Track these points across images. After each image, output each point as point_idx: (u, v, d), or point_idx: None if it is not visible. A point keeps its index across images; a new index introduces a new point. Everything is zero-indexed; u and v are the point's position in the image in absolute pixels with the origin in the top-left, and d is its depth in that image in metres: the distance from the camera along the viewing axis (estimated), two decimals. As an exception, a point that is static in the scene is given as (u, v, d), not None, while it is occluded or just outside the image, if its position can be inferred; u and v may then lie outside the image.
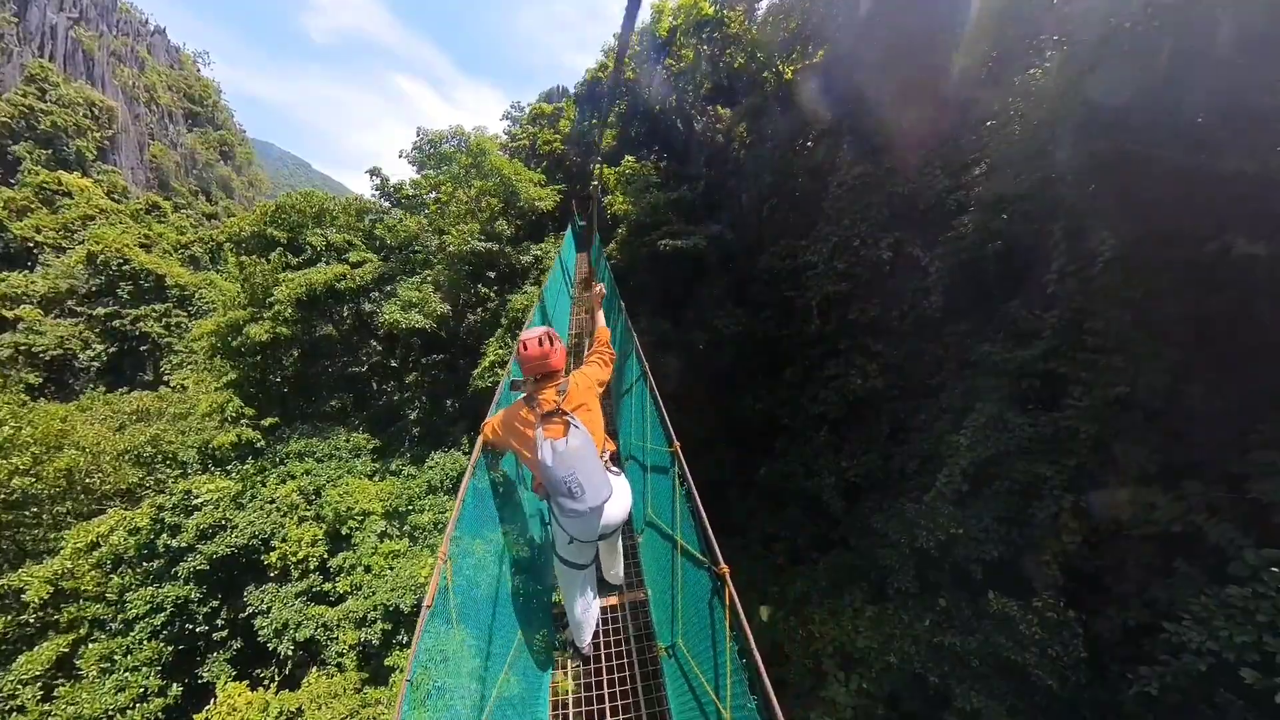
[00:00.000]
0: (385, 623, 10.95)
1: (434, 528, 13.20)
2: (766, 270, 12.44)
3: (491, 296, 17.59)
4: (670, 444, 2.83)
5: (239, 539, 11.62)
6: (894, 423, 9.99)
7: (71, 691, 10.01)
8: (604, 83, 26.58)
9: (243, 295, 16.40)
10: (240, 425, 14.55)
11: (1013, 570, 7.29)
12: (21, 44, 44.46)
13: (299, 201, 18.48)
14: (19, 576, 10.70)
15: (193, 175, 55.37)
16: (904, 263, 8.98)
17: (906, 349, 9.47)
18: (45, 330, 26.65)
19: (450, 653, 1.96)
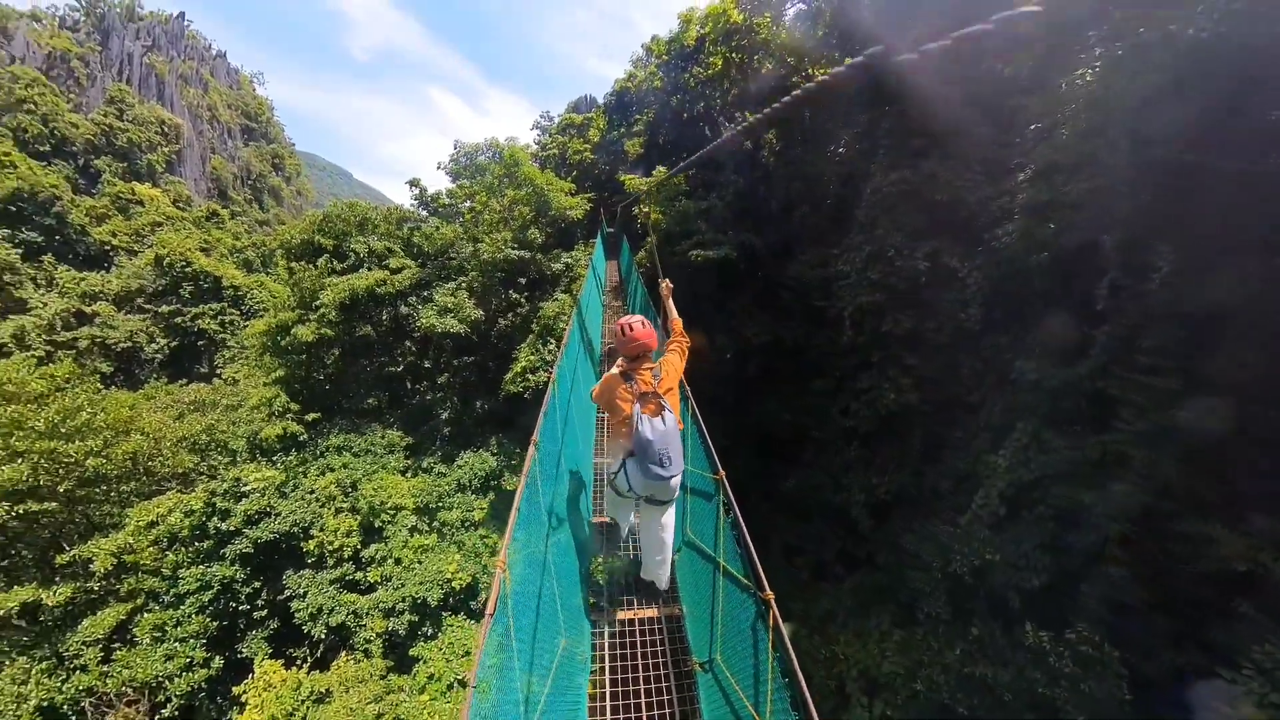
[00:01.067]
0: (412, 614, 11.53)
1: (461, 525, 13.78)
2: (796, 279, 12.42)
3: (522, 302, 18.24)
4: (715, 471, 2.93)
5: (281, 526, 12.55)
6: (928, 439, 9.76)
7: (127, 656, 11.13)
8: (632, 92, 27.19)
9: (292, 298, 17.75)
10: (286, 419, 15.68)
11: (1055, 601, 6.98)
12: (103, 70, 50.69)
13: (344, 211, 19.86)
14: (88, 548, 11.95)
15: (248, 185, 61.11)
16: (941, 273, 8.81)
17: (942, 363, 9.27)
18: (117, 325, 29.96)
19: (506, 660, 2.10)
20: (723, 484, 2.84)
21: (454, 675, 10.40)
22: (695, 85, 18.96)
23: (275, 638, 12.34)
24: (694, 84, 19.00)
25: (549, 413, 3.56)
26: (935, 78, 8.82)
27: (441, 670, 10.48)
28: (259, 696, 10.43)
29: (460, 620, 11.72)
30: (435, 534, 13.44)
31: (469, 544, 12.99)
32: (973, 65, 8.63)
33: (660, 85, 22.51)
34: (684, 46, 20.49)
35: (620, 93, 28.40)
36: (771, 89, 15.10)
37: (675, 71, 21.14)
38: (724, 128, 17.52)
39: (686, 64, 20.15)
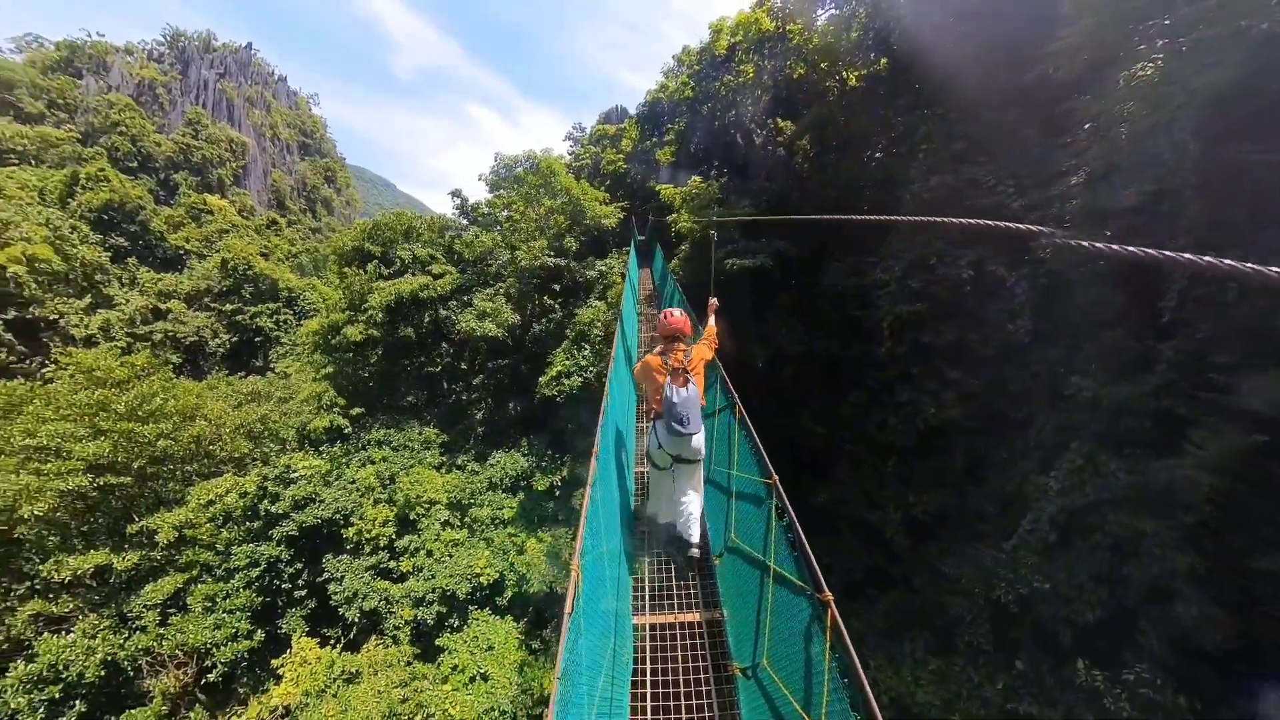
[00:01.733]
0: (440, 605, 12.01)
1: (491, 522, 14.24)
2: (832, 287, 12.26)
3: (556, 308, 18.82)
4: (768, 476, 2.99)
5: (324, 512, 13.41)
6: (971, 458, 9.36)
7: (181, 622, 12.20)
8: (664, 102, 27.73)
9: (343, 300, 19.04)
10: (333, 412, 16.79)
11: (1111, 638, 6.51)
12: (183, 95, 58.23)
13: (391, 220, 21.29)
14: (155, 520, 13.22)
15: (303, 196, 67.46)
16: (987, 282, 8.49)
17: (988, 377, 8.90)
18: (187, 321, 33.66)
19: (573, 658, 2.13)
20: (776, 488, 2.88)
21: (476, 669, 10.72)
22: (726, 93, 19.18)
23: (312, 617, 13.15)
24: (725, 92, 19.23)
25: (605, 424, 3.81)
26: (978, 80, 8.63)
27: (465, 663, 10.82)
28: (294, 671, 11.13)
29: (485, 615, 12.09)
30: (466, 529, 13.95)
31: (497, 541, 13.40)
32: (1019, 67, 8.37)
33: (692, 94, 22.92)
34: (715, 56, 20.87)
35: (652, 103, 29.14)
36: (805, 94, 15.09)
37: (706, 80, 21.49)
38: (756, 135, 17.56)
39: (718, 73, 20.47)
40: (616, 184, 27.79)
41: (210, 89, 59.64)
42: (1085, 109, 7.36)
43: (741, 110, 18.49)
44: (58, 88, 48.81)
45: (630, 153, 28.70)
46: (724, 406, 4.75)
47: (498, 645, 11.18)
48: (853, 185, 12.92)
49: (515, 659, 11.02)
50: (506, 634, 11.53)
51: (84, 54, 53.78)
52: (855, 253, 11.88)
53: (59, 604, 11.82)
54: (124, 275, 36.00)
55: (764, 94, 17.31)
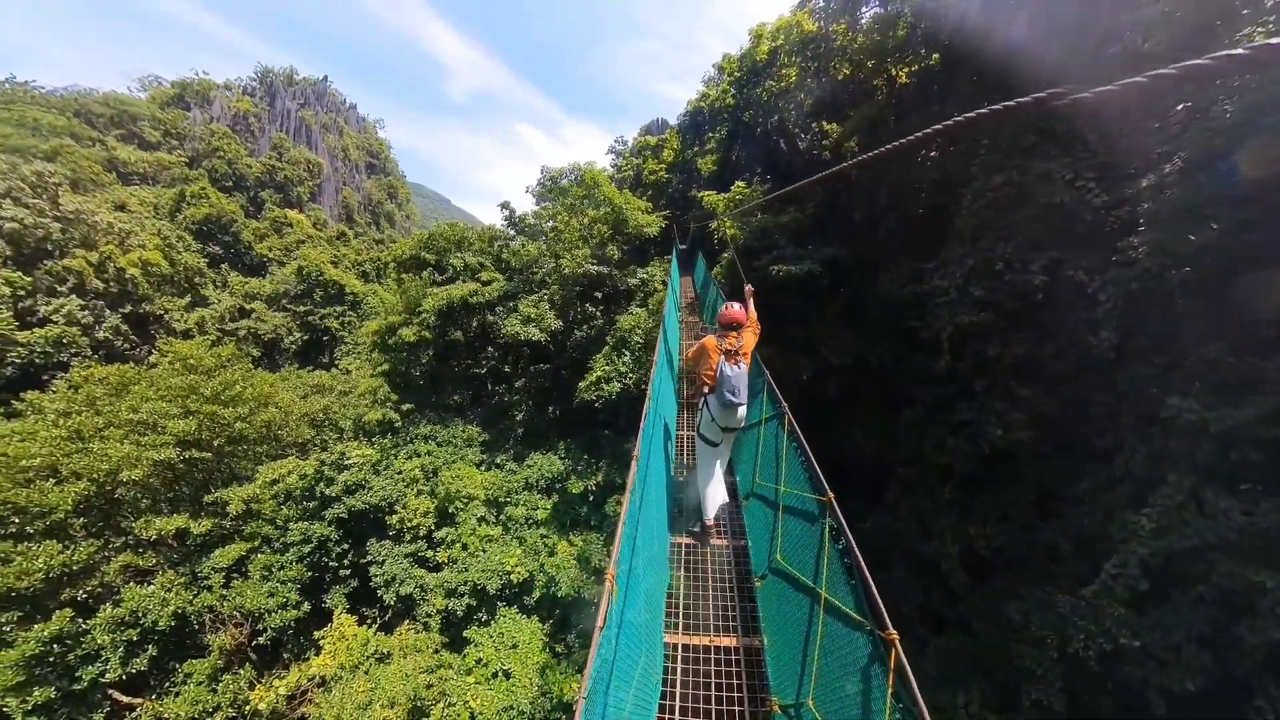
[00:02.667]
0: (471, 599, 12.40)
1: (525, 522, 14.59)
2: (884, 296, 11.67)
3: (598, 315, 19.24)
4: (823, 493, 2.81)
5: (372, 499, 14.32)
6: (1044, 488, 8.50)
7: (241, 586, 13.38)
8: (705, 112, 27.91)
9: (400, 304, 20.53)
10: (386, 407, 17.99)
11: (1216, 711, 5.61)
12: (270, 123, 67.00)
13: (446, 231, 22.89)
14: (227, 493, 14.70)
15: (368, 210, 74.94)
16: (1063, 289, 7.73)
17: (1065, 397, 8.09)
18: (266, 320, 38.01)
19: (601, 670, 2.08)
20: (831, 507, 2.69)
21: (500, 665, 10.95)
22: (768, 99, 19.06)
23: (353, 595, 14.05)
24: (767, 98, 19.11)
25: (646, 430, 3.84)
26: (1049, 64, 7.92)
27: (490, 657, 11.07)
28: (333, 644, 11.90)
29: (513, 613, 12.33)
30: (500, 527, 14.35)
31: (530, 541, 13.68)
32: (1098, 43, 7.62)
33: (733, 102, 22.91)
34: (756, 62, 20.87)
35: (693, 113, 29.49)
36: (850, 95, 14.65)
37: (748, 87, 21.48)
38: (800, 139, 17.23)
39: (759, 79, 20.42)
40: (658, 194, 28.24)
41: (292, 117, 68.58)
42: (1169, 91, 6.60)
43: (785, 115, 18.24)
44: (171, 119, 57.55)
45: (672, 163, 29.13)
46: (771, 415, 4.56)
47: (522, 644, 11.34)
48: (906, 186, 12.25)
49: (538, 660, 11.12)
50: (532, 634, 11.68)
51: (192, 90, 63.42)
52: (911, 258, 11.24)
53: (144, 558, 13.37)
54: (217, 279, 41.37)
55: (807, 97, 17.02)
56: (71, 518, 12.66)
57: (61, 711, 11.10)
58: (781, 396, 4.57)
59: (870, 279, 12.31)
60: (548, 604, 12.38)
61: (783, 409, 4.17)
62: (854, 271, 12.74)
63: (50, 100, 50.28)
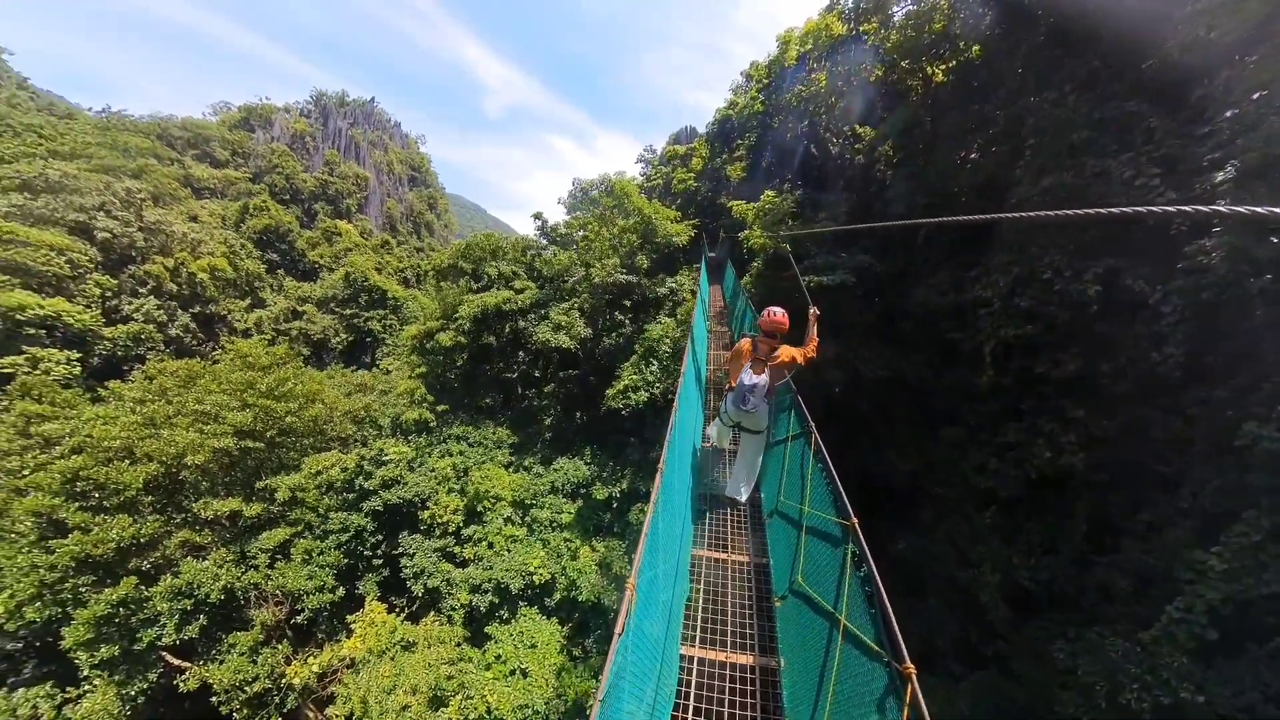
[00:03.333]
0: (494, 596, 12.73)
1: (549, 525, 14.86)
2: (922, 306, 11.20)
3: (626, 324, 19.46)
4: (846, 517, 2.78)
5: (406, 494, 15.00)
6: (1098, 518, 7.91)
7: (284, 568, 14.24)
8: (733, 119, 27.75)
9: (437, 310, 21.42)
10: (422, 407, 18.82)
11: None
12: (323, 142, 72.86)
13: (482, 241, 23.90)
14: (276, 480, 15.72)
15: (410, 221, 79.65)
16: (1122, 300, 7.17)
17: (1123, 419, 7.51)
18: (316, 321, 40.97)
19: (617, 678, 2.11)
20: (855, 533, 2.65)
21: (518, 663, 11.15)
22: (798, 104, 18.85)
23: (384, 584, 14.90)
24: (797, 103, 18.90)
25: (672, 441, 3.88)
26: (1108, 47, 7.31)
27: (509, 655, 11.30)
28: (363, 629, 12.72)
29: (533, 613, 12.54)
30: (525, 528, 14.64)
31: (553, 543, 13.88)
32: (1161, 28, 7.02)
33: (762, 108, 22.74)
34: (784, 67, 20.75)
35: (721, 121, 29.53)
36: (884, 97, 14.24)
37: (776, 93, 21.34)
38: (831, 144, 16.85)
39: (788, 84, 20.29)
40: (687, 202, 28.34)
41: (343, 136, 74.25)
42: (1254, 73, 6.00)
43: (815, 120, 17.95)
44: (238, 140, 63.54)
45: (700, 171, 29.20)
46: (797, 434, 4.49)
47: (541, 645, 11.49)
48: (945, 191, 11.67)
49: (555, 661, 11.22)
50: (550, 635, 11.82)
51: (257, 114, 70.02)
52: (951, 266, 10.74)
53: (201, 536, 14.44)
54: (274, 283, 44.77)
55: (839, 101, 16.68)
56: (141, 495, 13.89)
57: (122, 668, 12.15)
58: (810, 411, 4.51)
59: (907, 288, 11.85)
60: (567, 607, 12.49)
61: (809, 427, 4.09)
62: (889, 280, 12.30)
63: (138, 125, 57.56)
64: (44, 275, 26.81)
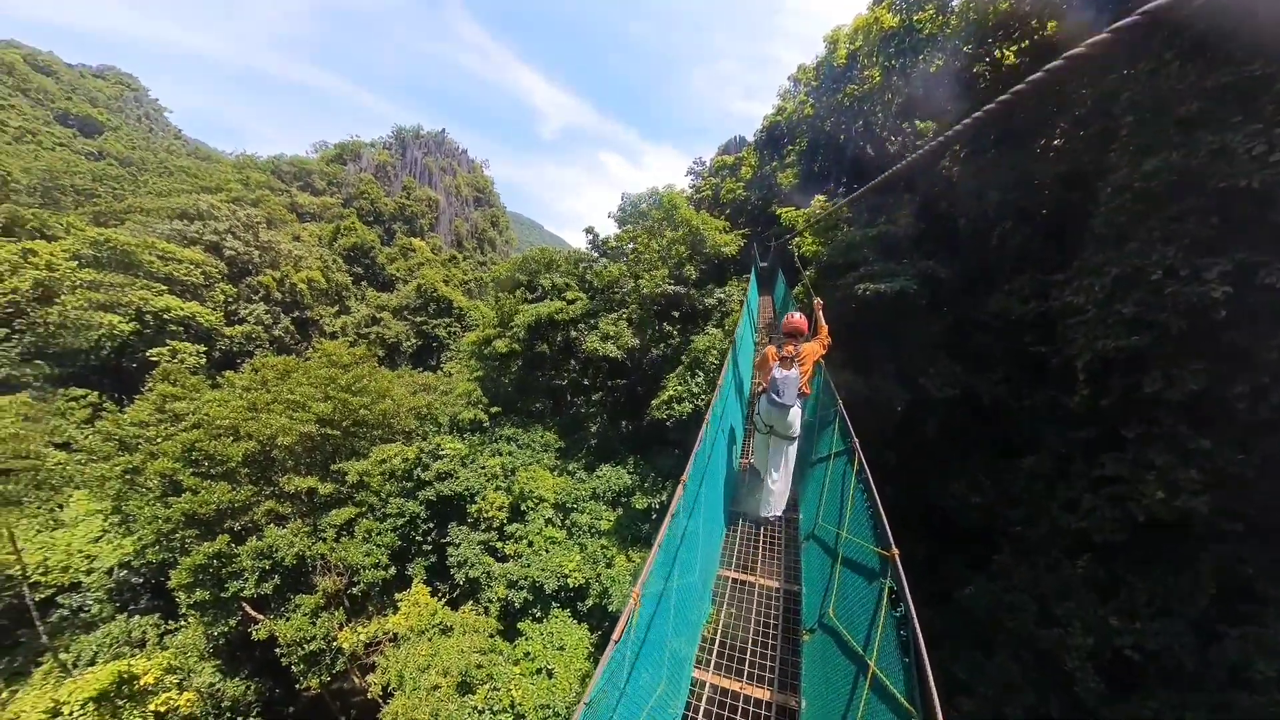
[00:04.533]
0: (528, 594, 12.94)
1: (588, 530, 14.94)
2: (999, 315, 9.98)
3: (674, 334, 19.35)
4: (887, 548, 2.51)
5: (457, 487, 15.88)
6: (1227, 577, 6.50)
7: (347, 543, 15.75)
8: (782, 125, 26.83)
9: (495, 319, 22.60)
10: (477, 408, 19.89)
11: None
12: (401, 170, 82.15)
13: (537, 255, 25.18)
14: (347, 465, 17.39)
15: (474, 238, 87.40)
16: (1257, 303, 5.88)
17: (1265, 452, 6.15)
18: (391, 327, 45.53)
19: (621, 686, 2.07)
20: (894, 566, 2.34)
21: (545, 663, 11.16)
22: (850, 104, 17.93)
23: (431, 569, 15.81)
24: (849, 103, 17.99)
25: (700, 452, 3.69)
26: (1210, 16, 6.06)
27: (538, 652, 11.40)
28: (408, 608, 13.57)
29: (564, 615, 12.57)
30: (565, 531, 14.77)
31: (590, 549, 13.85)
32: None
33: (812, 112, 21.85)
34: (834, 67, 19.90)
35: (770, 127, 28.81)
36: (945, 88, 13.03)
37: (827, 94, 20.42)
38: (889, 143, 15.69)
39: (838, 85, 19.38)
40: (737, 212, 27.84)
41: (418, 164, 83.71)
42: None
43: (870, 119, 16.86)
44: (332, 172, 75.05)
45: (750, 180, 28.57)
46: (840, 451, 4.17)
47: (569, 648, 11.43)
48: (1023, 184, 10.27)
49: (581, 667, 11.06)
50: (579, 640, 11.73)
51: (348, 149, 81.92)
52: (1032, 269, 9.48)
53: (283, 507, 16.37)
54: (358, 293, 51.03)
55: (894, 97, 15.49)
56: (239, 467, 15.98)
57: (210, 610, 14.05)
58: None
59: (980, 296, 10.63)
60: (599, 614, 12.31)
61: (852, 444, 3.71)
62: (959, 287, 11.11)
63: (259, 164, 72.22)
64: (186, 284, 32.69)
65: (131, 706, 10.89)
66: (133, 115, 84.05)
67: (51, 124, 60.95)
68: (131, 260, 30.01)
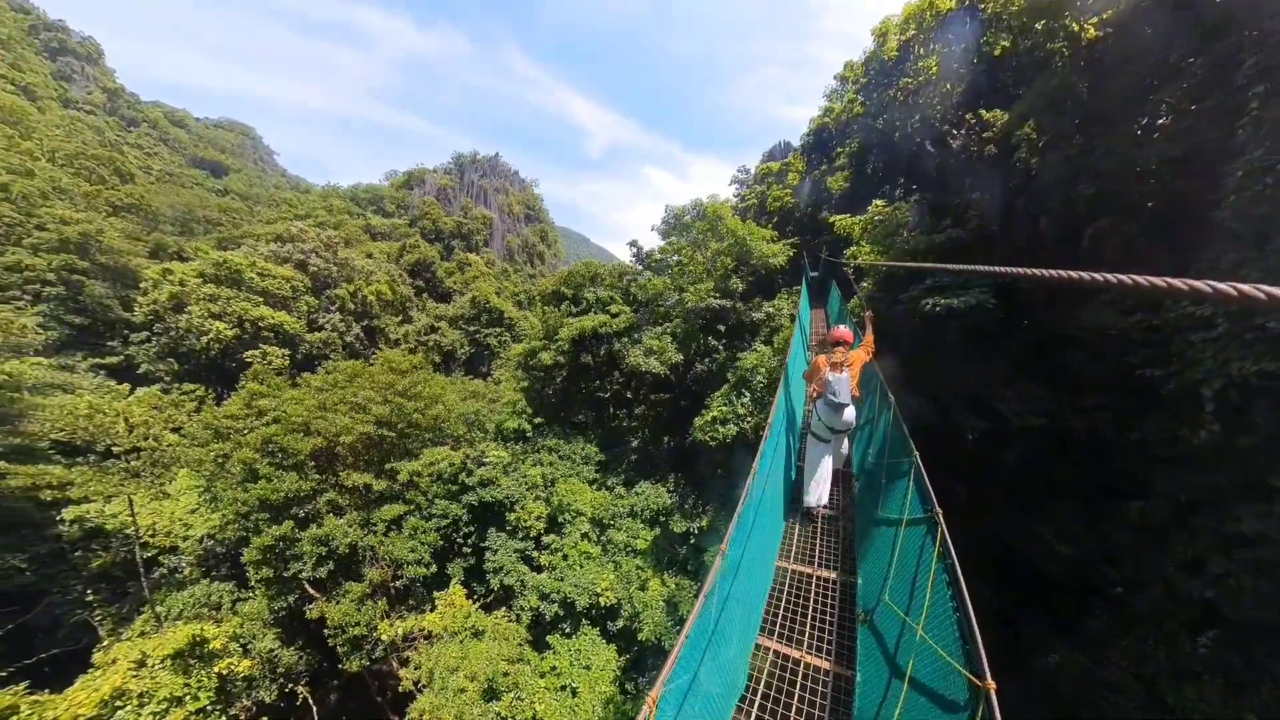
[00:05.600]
0: (559, 608, 12.73)
1: (624, 549, 14.66)
2: (1095, 330, 8.61)
3: (720, 350, 18.78)
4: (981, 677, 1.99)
5: (498, 494, 16.15)
6: None
7: (395, 538, 16.34)
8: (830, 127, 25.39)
9: (540, 331, 23.04)
10: (522, 418, 20.21)
11: None
12: (459, 192, 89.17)
13: (581, 269, 25.68)
14: (399, 465, 17.96)
15: (525, 252, 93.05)
16: None
17: None
18: (447, 335, 48.83)
19: None
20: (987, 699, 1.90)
21: (570, 680, 10.96)
22: (905, 99, 16.45)
23: (469, 571, 16.15)
24: (903, 98, 16.52)
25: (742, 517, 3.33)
26: None
27: (564, 669, 11.25)
28: (444, 608, 13.94)
29: (594, 633, 12.30)
30: (600, 547, 14.51)
31: (625, 568, 13.46)
32: None
33: (862, 110, 20.45)
34: (884, 61, 18.37)
35: (817, 130, 27.54)
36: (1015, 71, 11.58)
37: (877, 91, 18.92)
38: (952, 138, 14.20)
39: (890, 79, 17.89)
40: (784, 220, 26.80)
41: (474, 186, 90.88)
42: None
43: (928, 113, 15.30)
44: (400, 197, 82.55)
45: (797, 186, 27.44)
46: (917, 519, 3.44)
47: (595, 668, 11.12)
48: (1120, 174, 8.71)
49: (606, 690, 10.65)
50: (606, 661, 11.39)
51: (415, 176, 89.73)
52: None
53: (342, 499, 17.45)
54: (419, 304, 54.93)
55: (955, 87, 14.04)
56: (307, 461, 17.35)
57: (274, 586, 15.34)
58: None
59: (1068, 307, 9.26)
60: (628, 637, 11.83)
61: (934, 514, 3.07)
62: (1043, 298, 9.78)
63: (341, 193, 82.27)
64: (277, 296, 37.21)
65: (201, 666, 11.83)
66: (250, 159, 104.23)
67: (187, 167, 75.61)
68: (239, 277, 34.93)
